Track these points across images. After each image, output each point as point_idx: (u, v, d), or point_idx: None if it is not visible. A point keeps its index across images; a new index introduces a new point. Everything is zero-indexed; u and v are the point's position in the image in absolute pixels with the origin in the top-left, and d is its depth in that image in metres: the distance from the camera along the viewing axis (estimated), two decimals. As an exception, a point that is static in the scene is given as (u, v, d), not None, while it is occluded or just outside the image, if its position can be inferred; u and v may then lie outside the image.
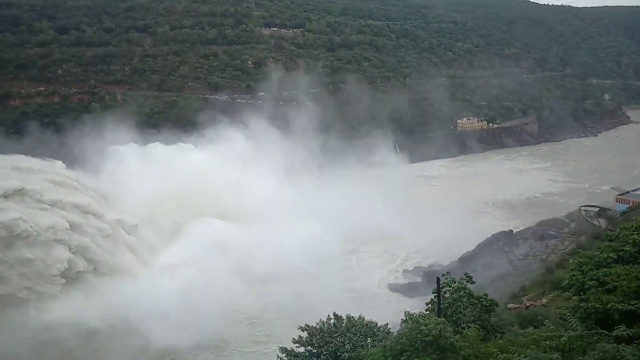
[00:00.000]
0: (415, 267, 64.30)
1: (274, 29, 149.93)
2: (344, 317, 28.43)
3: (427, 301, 27.07)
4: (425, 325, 20.45)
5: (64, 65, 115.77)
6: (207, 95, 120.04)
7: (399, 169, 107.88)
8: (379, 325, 28.38)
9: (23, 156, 67.85)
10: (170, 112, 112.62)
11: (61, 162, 70.55)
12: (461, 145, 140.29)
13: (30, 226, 56.71)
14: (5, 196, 59.36)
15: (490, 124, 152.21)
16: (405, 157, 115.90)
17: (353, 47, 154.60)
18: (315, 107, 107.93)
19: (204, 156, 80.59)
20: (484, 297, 25.26)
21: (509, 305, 31.44)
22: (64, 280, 55.28)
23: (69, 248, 58.53)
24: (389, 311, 44.67)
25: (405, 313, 22.18)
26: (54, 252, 57.30)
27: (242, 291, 55.53)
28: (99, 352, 44.96)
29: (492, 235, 70.77)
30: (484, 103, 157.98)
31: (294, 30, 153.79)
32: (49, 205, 61.49)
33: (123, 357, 44.17)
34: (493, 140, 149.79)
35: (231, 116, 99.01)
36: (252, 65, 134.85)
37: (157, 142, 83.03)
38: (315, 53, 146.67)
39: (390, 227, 71.96)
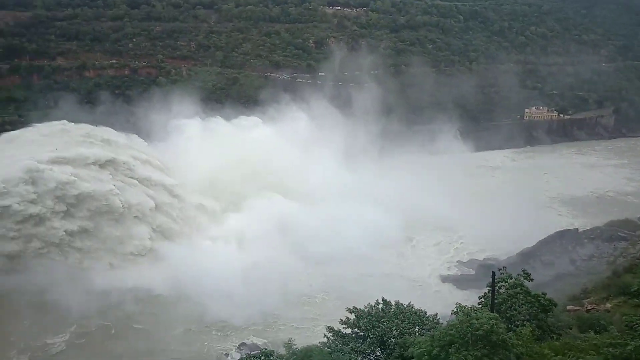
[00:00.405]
0: (469, 259, 62.71)
1: (337, 7, 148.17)
2: (393, 302, 28.13)
3: (480, 295, 26.20)
4: (477, 319, 19.75)
5: (134, 39, 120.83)
6: (268, 74, 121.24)
7: (462, 157, 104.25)
8: (427, 314, 27.85)
9: (109, 128, 71.72)
10: (231, 89, 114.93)
11: (139, 137, 74.22)
12: (528, 135, 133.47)
13: (120, 200, 60.06)
14: (100, 165, 63.23)
15: (562, 115, 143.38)
16: (469, 145, 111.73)
17: (418, 29, 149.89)
18: (376, 90, 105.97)
19: (266, 133, 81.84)
20: (542, 295, 24.02)
21: (568, 307, 29.92)
22: (135, 256, 58.09)
23: (152, 228, 61.38)
24: (439, 301, 43.99)
25: (456, 305, 21.54)
26: (136, 229, 60.53)
27: (297, 269, 56.69)
28: (157, 317, 47.19)
29: (556, 232, 67.47)
30: (555, 92, 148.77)
31: (357, 9, 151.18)
32: (137, 181, 64.68)
33: (179, 324, 46.02)
34: (563, 132, 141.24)
35: (291, 95, 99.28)
36: (314, 45, 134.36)
37: (218, 117, 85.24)
38: (378, 34, 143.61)
39: (448, 216, 70.40)
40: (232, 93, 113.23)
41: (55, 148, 63.23)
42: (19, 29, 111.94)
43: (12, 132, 71.41)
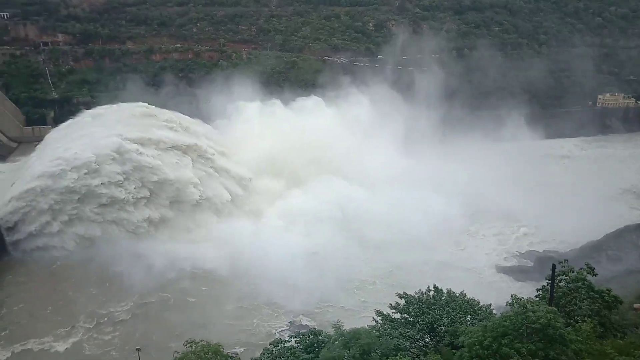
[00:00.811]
0: (528, 251, 60.02)
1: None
2: (445, 290, 27.61)
3: (538, 287, 25.11)
4: (534, 312, 18.97)
5: (198, 24, 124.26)
6: (327, 57, 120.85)
7: (528, 144, 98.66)
8: (480, 304, 27.10)
9: (186, 116, 74.28)
10: (289, 73, 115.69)
11: (205, 123, 76.24)
12: (600, 123, 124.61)
13: (199, 190, 62.47)
14: (183, 150, 65.58)
15: (639, 102, 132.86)
16: (536, 133, 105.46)
17: (484, 10, 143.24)
18: (438, 74, 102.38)
19: (326, 115, 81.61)
20: (607, 292, 22.67)
21: (635, 305, 28.18)
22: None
23: (217, 217, 63.16)
24: (494, 292, 42.65)
25: (511, 296, 20.78)
26: (207, 219, 62.45)
27: (354, 254, 56.35)
28: (212, 293, 48.89)
29: (625, 226, 63.26)
30: (634, 77, 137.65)
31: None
32: (215, 170, 66.71)
33: (232, 300, 47.43)
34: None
35: (350, 79, 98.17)
36: (373, 28, 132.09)
37: (277, 100, 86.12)
38: (441, 16, 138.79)
39: (511, 205, 67.58)
40: (290, 77, 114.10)
41: (137, 129, 65.33)
42: (93, 14, 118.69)
43: (97, 109, 74.62)
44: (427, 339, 25.83)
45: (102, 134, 63.23)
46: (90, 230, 57.34)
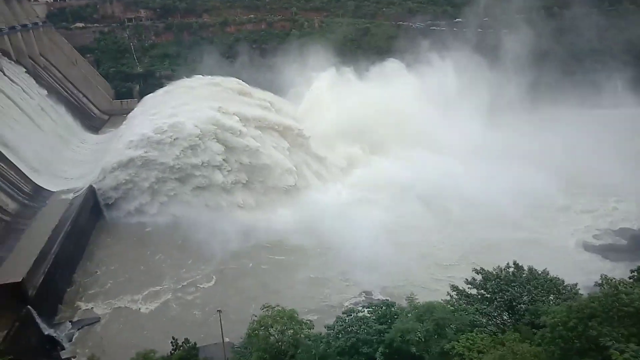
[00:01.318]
0: (621, 228, 55.10)
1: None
2: (526, 268, 26.31)
3: (633, 268, 23.07)
4: (627, 294, 17.50)
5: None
6: (401, 22, 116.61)
7: (631, 112, 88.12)
8: (565, 283, 25.58)
9: (272, 94, 75.22)
10: (362, 40, 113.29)
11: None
12: None
13: (294, 179, 62.56)
14: (280, 132, 66.18)
15: None
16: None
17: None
18: (525, 36, 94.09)
19: (403, 83, 78.83)
20: None
21: None
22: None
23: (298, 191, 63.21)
24: (580, 271, 39.77)
25: (601, 276, 19.28)
26: (292, 200, 61.56)
27: (435, 227, 54.38)
28: (286, 264, 50.12)
29: None
30: None
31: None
32: (305, 153, 66.95)
33: (306, 270, 48.49)
34: None
35: (428, 44, 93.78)
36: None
37: (350, 68, 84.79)
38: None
39: (608, 179, 61.46)
40: (363, 44, 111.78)
41: (233, 105, 65.50)
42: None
43: (186, 80, 76.80)
44: (505, 317, 24.92)
45: (199, 108, 63.89)
46: (183, 212, 58.91)
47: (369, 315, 26.91)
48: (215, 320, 35.39)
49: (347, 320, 26.28)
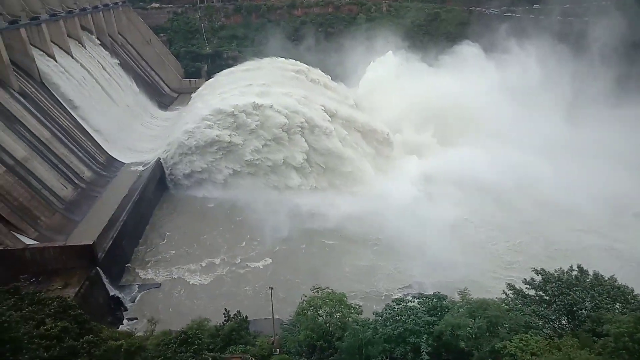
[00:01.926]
0: None
1: None
2: (591, 272, 24.84)
3: None
4: None
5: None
6: (473, 7, 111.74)
7: None
8: (635, 292, 23.92)
9: (345, 86, 75.58)
10: (430, 25, 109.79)
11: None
12: None
13: (371, 175, 62.56)
14: (362, 134, 65.82)
15: None
16: None
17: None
18: (613, 24, 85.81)
19: (476, 71, 75.71)
20: None
21: None
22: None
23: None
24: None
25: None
26: (356, 188, 61.26)
27: (505, 226, 51.64)
28: (341, 249, 50.21)
29: None
30: None
31: None
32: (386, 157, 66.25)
33: (357, 259, 48.49)
34: None
35: (503, 32, 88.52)
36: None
37: (417, 55, 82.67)
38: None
39: None
40: (431, 30, 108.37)
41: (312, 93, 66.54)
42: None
43: (261, 60, 78.28)
44: (563, 321, 23.71)
45: (265, 90, 64.77)
46: (245, 190, 60.32)
47: (418, 306, 26.57)
48: (266, 297, 36.34)
49: (396, 309, 26.10)
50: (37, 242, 43.20)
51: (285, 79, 71.58)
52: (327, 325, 24.99)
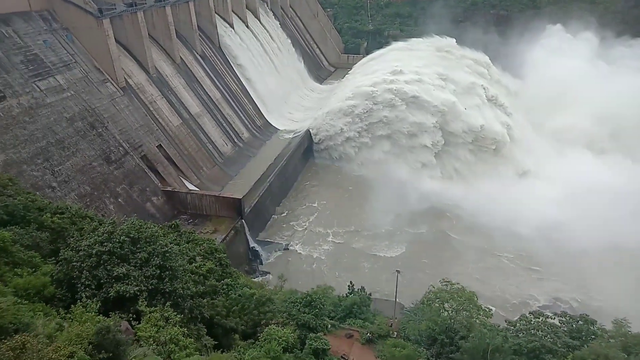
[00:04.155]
0: None
1: None
2: None
3: None
4: None
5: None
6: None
7: None
8: None
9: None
10: (629, 13, 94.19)
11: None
12: None
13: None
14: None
15: None
16: None
17: None
18: None
19: None
20: None
21: None
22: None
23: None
24: None
25: None
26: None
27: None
28: (474, 245, 47.66)
29: None
30: None
31: None
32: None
33: (494, 257, 45.45)
34: None
35: None
36: None
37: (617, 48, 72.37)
38: None
39: None
40: (629, 19, 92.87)
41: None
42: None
43: (421, 40, 76.48)
44: None
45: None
46: (384, 166, 60.62)
47: (559, 324, 23.83)
48: (387, 278, 36.07)
49: (532, 322, 23.78)
50: (197, 189, 48.83)
51: (440, 60, 68.70)
52: (452, 321, 23.81)
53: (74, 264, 15.96)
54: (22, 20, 42.92)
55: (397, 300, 31.75)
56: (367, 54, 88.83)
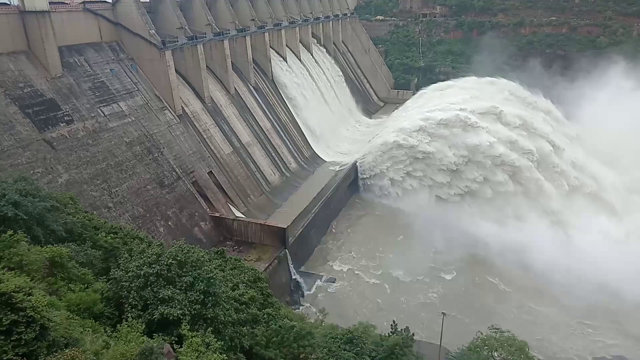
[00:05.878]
0: None
1: None
2: None
3: None
4: None
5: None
6: None
7: None
8: None
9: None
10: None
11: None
12: None
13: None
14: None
15: None
16: None
17: None
18: None
19: None
20: None
21: None
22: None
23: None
24: None
25: None
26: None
27: None
28: (526, 286, 45.31)
29: None
30: None
31: None
32: None
33: (537, 304, 42.93)
34: None
35: None
36: None
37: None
38: None
39: None
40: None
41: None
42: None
43: (478, 80, 74.55)
44: None
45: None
46: (426, 204, 59.64)
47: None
48: (430, 320, 34.55)
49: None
50: (243, 216, 49.56)
51: (498, 100, 66.90)
52: (501, 371, 22.41)
53: (123, 283, 16.34)
54: (94, 50, 46.18)
55: (441, 344, 30.41)
56: (418, 89, 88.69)
